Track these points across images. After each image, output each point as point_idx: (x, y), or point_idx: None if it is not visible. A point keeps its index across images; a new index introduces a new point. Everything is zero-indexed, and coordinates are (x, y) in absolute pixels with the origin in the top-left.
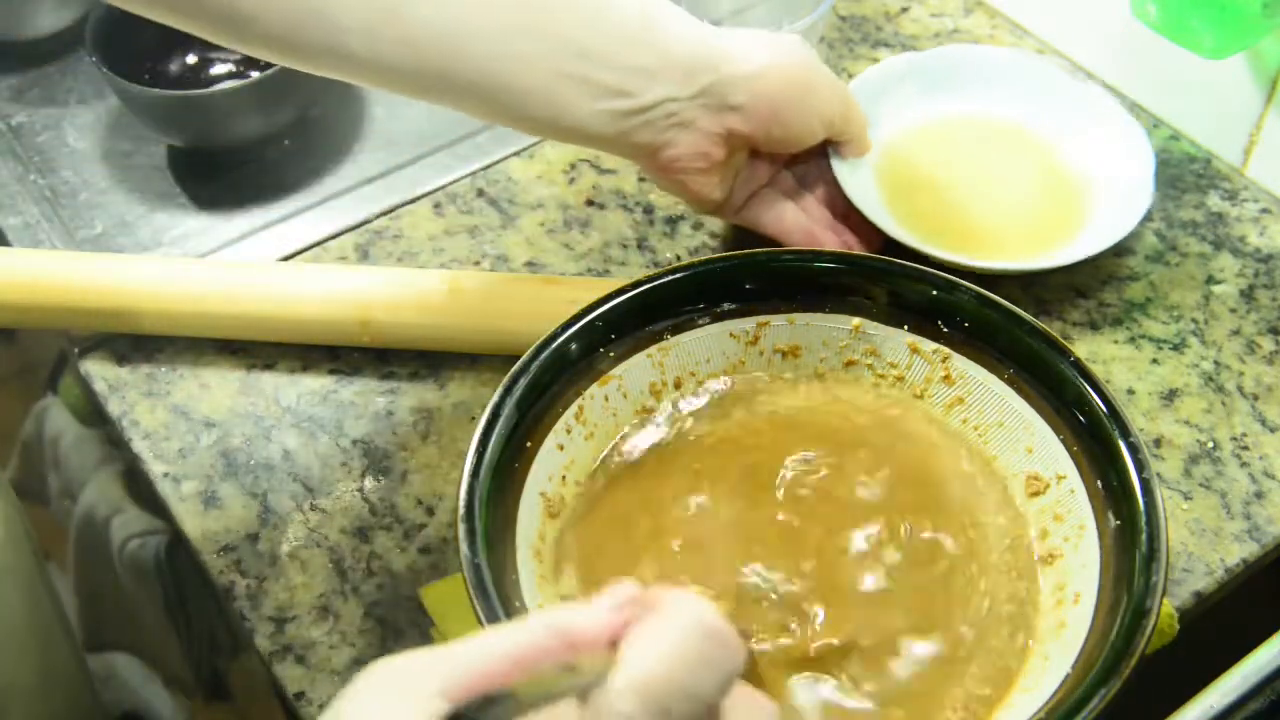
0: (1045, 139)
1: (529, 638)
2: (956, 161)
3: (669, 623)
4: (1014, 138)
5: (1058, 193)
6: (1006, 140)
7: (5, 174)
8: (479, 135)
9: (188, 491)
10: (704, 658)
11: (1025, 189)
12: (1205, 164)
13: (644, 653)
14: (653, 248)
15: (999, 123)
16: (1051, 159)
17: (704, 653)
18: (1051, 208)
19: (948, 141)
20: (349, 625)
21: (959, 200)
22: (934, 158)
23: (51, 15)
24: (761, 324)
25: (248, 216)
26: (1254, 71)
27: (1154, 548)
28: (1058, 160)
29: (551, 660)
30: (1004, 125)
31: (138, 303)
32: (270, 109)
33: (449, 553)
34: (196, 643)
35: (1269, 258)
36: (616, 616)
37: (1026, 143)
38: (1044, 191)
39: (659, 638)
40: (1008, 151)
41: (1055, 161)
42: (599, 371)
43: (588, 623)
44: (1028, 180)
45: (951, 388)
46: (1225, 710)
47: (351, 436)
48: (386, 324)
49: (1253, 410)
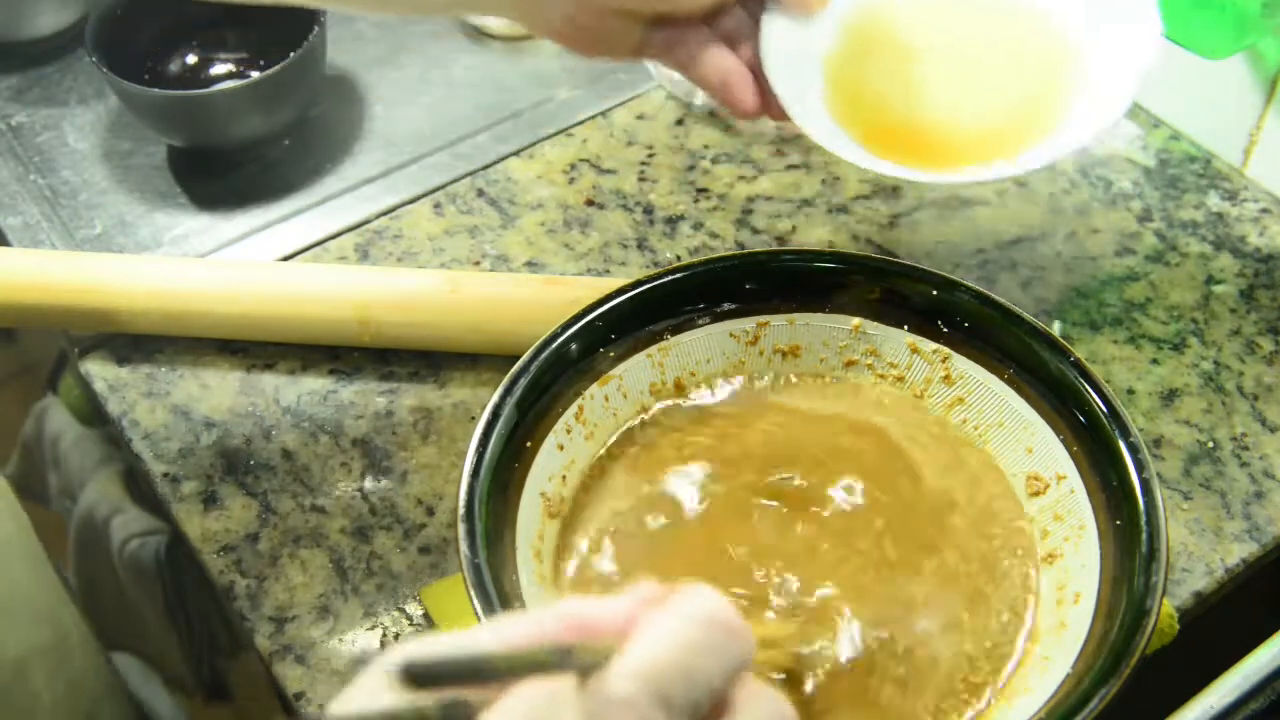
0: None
1: (543, 627)
2: (932, 23)
3: (676, 612)
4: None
5: (1040, 72)
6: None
7: (5, 174)
8: (479, 135)
9: (188, 491)
10: (709, 646)
11: (1005, 63)
12: (1205, 164)
13: (648, 638)
14: (653, 248)
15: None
16: (1045, 25)
17: (709, 641)
18: (1028, 90)
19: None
20: (349, 625)
21: (919, 77)
22: (909, 17)
23: (51, 15)
24: (761, 324)
25: (248, 216)
26: (1254, 71)
27: (1154, 548)
28: (1050, 28)
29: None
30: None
31: (138, 303)
32: (270, 109)
33: (449, 553)
34: (196, 643)
35: (1269, 258)
36: (634, 611)
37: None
38: (1025, 67)
39: (665, 626)
40: (995, 14)
41: (1047, 29)
42: (599, 371)
43: (605, 612)
44: (1010, 52)
45: (951, 388)
46: (1225, 710)
47: (351, 436)
48: (386, 324)
49: (1253, 410)
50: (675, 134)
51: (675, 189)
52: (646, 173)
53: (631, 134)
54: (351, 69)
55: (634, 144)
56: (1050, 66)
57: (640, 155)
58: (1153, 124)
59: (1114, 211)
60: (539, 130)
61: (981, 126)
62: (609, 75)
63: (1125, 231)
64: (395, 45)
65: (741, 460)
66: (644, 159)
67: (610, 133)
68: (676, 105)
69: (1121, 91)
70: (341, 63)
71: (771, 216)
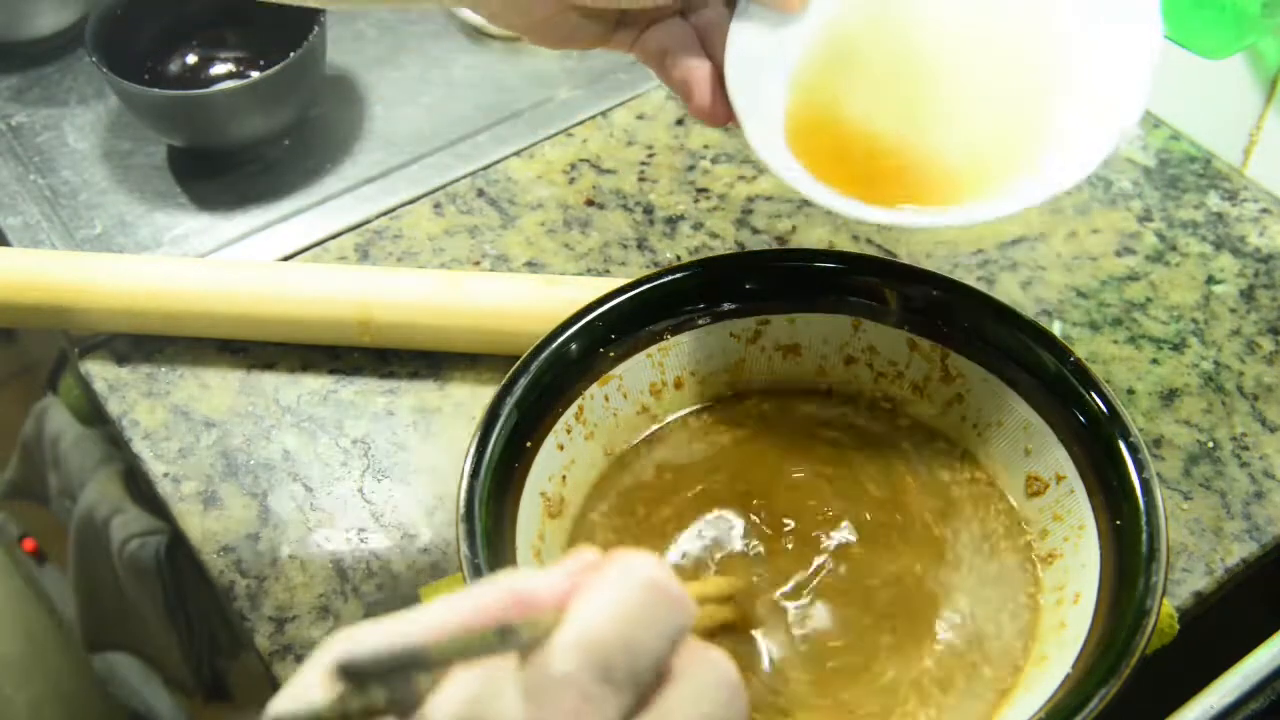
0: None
1: (481, 601)
2: (917, 29)
3: (613, 581)
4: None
5: (1033, 87)
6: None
7: (5, 174)
8: (479, 135)
9: (188, 491)
10: (649, 614)
11: (995, 77)
12: (1205, 164)
13: (586, 610)
14: (653, 248)
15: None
16: (1039, 30)
17: (648, 609)
18: (1020, 108)
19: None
20: (349, 625)
21: (900, 94)
22: (891, 24)
23: (51, 15)
24: (762, 323)
25: (248, 216)
26: (1254, 71)
27: (1154, 548)
28: (1044, 33)
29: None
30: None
31: (138, 303)
32: (270, 109)
33: (449, 553)
34: (196, 643)
35: (1269, 258)
36: (572, 581)
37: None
38: (1016, 81)
39: (602, 595)
40: (984, 20)
41: (1041, 34)
42: (599, 371)
43: (543, 585)
44: (1000, 63)
45: (950, 386)
46: (1225, 710)
47: (351, 436)
48: (386, 324)
49: (1253, 410)
50: (675, 134)
51: (675, 189)
52: (646, 173)
53: (631, 134)
54: (351, 69)
55: (634, 144)
56: (1044, 81)
57: (640, 155)
58: (1153, 124)
59: (1114, 211)
60: (539, 130)
61: (969, 151)
62: (609, 75)
63: (1125, 231)
64: (395, 45)
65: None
66: (644, 159)
67: (610, 133)
68: (676, 105)
69: (1124, 113)
70: (341, 63)
71: (771, 216)
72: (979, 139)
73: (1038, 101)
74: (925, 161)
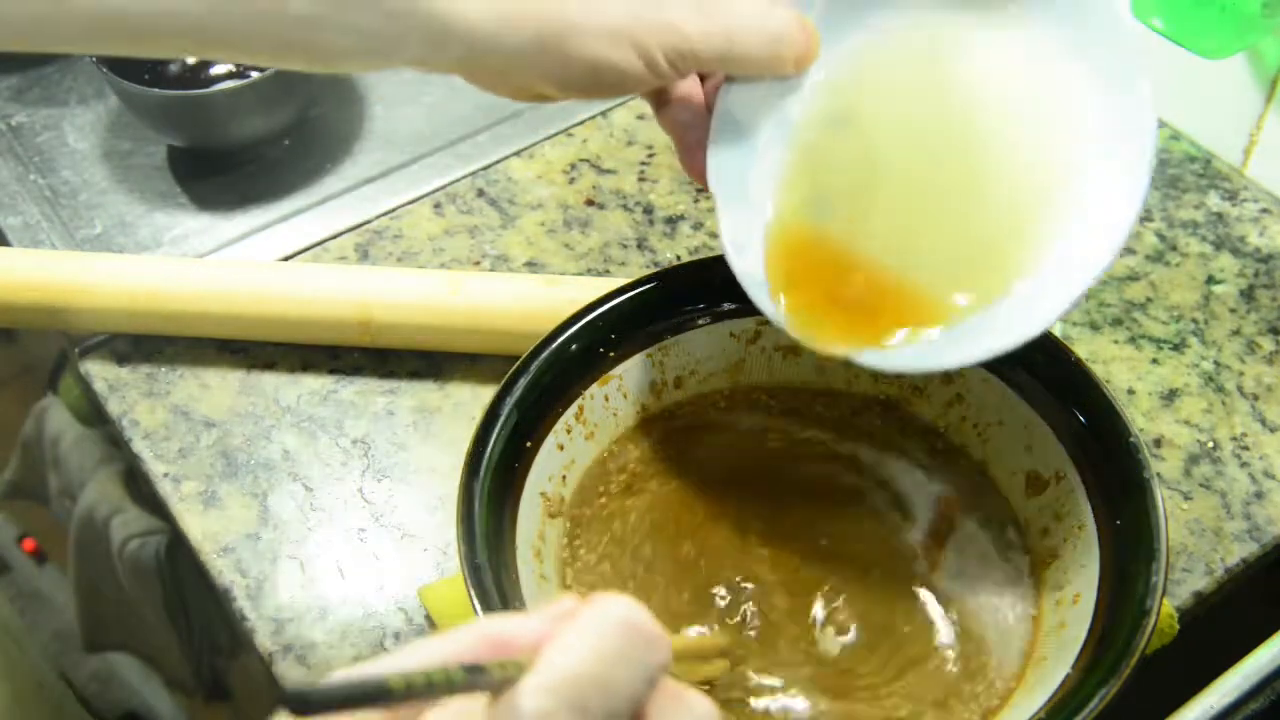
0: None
1: (456, 647)
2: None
3: (588, 621)
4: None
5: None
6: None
7: (5, 174)
8: (479, 135)
9: (188, 491)
10: (623, 654)
11: (970, 190)
12: (1205, 164)
13: (560, 651)
14: (653, 248)
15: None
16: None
17: (623, 649)
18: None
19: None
20: (349, 625)
21: (874, 202)
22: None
23: None
24: (761, 323)
25: (248, 216)
26: (1254, 71)
27: (1154, 548)
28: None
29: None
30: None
31: (138, 303)
32: (270, 109)
33: (449, 553)
34: (196, 643)
35: (1269, 258)
36: (550, 626)
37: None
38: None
39: (577, 636)
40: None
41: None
42: (599, 371)
43: (519, 629)
44: (976, 171)
45: (950, 386)
46: (1225, 710)
47: (351, 436)
48: (386, 324)
49: (1253, 410)
50: None
51: (675, 189)
52: (646, 173)
53: (631, 134)
54: None
55: (634, 144)
56: (1027, 190)
57: (640, 155)
58: None
59: None
60: (539, 130)
61: (949, 272)
62: None
63: None
64: None
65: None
66: (644, 159)
67: (610, 133)
68: None
69: (1117, 219)
70: None
71: None
72: (959, 257)
73: (1022, 213)
74: (904, 286)
